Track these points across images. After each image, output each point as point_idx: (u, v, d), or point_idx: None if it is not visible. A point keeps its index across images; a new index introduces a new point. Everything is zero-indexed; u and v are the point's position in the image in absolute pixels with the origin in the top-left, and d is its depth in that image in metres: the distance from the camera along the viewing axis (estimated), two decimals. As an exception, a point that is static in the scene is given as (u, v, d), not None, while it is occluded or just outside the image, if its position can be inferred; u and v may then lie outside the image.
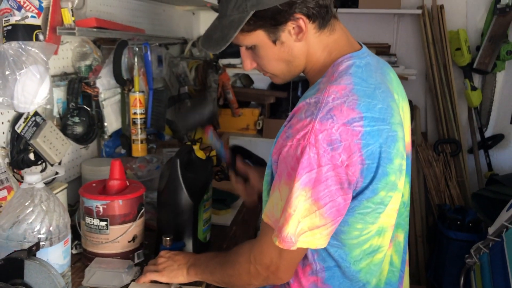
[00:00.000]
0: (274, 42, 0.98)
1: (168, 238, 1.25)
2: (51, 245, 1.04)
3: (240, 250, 1.06)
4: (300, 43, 0.98)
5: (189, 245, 1.31)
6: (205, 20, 3.06)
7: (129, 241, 1.26)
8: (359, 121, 0.88)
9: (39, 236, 1.01)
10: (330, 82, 0.93)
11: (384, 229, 0.99)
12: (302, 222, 0.89)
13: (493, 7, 2.75)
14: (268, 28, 0.96)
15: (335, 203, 0.89)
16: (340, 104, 0.88)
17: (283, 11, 0.93)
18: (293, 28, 0.96)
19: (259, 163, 3.10)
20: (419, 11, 2.80)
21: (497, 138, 2.92)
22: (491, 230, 2.08)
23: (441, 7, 2.81)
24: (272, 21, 0.95)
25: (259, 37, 0.98)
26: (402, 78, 2.57)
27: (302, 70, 1.04)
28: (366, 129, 0.88)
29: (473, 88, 2.83)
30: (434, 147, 2.90)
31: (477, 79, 2.92)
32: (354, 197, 0.92)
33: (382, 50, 2.86)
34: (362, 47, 1.04)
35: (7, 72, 1.17)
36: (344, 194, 0.89)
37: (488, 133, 2.96)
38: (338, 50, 1.00)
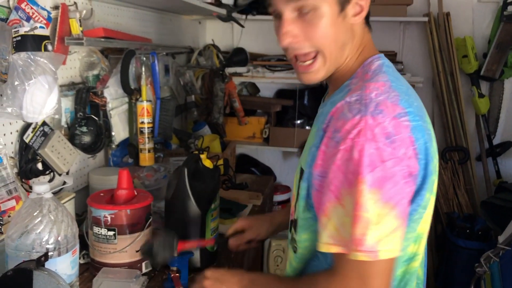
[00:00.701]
0: (341, 10, 0.89)
1: (176, 248, 1.24)
2: (59, 255, 1.04)
3: (315, 283, 0.91)
4: (351, 28, 0.92)
5: (197, 255, 1.31)
6: (211, 29, 3.07)
7: (136, 251, 1.25)
8: (405, 116, 0.84)
9: (48, 246, 1.01)
10: (365, 80, 0.90)
11: (420, 235, 0.94)
12: (378, 230, 0.80)
13: (500, 14, 2.74)
14: None
15: (405, 199, 0.83)
16: (384, 99, 0.84)
17: None
18: (356, 3, 0.91)
19: (265, 172, 3.09)
20: (425, 19, 2.79)
21: (506, 146, 2.90)
22: (501, 238, 2.06)
23: (447, 14, 2.81)
24: None
25: None
26: (409, 86, 2.56)
27: (339, 65, 0.96)
28: (412, 123, 0.84)
29: (481, 95, 2.82)
30: (442, 154, 2.88)
31: (484, 86, 2.90)
32: (411, 201, 0.86)
33: (388, 58, 2.84)
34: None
35: (16, 83, 1.17)
36: (410, 186, 0.84)
37: (496, 141, 2.94)
38: (368, 51, 0.98)
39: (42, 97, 1.22)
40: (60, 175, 1.48)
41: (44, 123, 1.41)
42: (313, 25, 0.89)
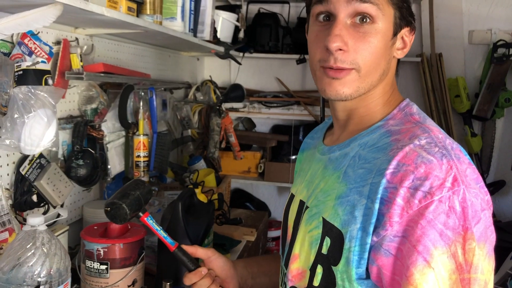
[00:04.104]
0: (393, 35, 0.83)
1: (168, 283, 1.23)
2: (50, 289, 1.03)
3: None
4: (390, 60, 0.85)
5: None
6: (209, 65, 3.13)
7: (129, 286, 1.24)
8: (470, 160, 0.78)
9: (39, 279, 1.01)
10: (417, 122, 0.82)
11: None
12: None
13: (490, 55, 2.82)
14: (398, 18, 0.83)
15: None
16: (452, 142, 0.77)
17: (411, 13, 0.85)
18: (402, 37, 0.86)
19: (260, 207, 3.07)
20: (418, 59, 2.86)
21: (499, 184, 2.92)
22: (495, 278, 2.04)
23: (440, 55, 2.88)
24: (407, 11, 0.83)
25: (388, 16, 0.81)
26: (403, 124, 2.59)
27: (368, 95, 0.85)
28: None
29: (473, 135, 2.86)
30: (436, 192, 2.89)
31: (477, 126, 2.95)
32: None
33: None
34: None
35: (15, 115, 1.19)
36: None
37: (489, 179, 2.96)
38: (398, 94, 0.91)
39: (41, 130, 1.24)
40: (54, 207, 1.48)
41: (41, 155, 1.42)
42: (366, 39, 0.80)
